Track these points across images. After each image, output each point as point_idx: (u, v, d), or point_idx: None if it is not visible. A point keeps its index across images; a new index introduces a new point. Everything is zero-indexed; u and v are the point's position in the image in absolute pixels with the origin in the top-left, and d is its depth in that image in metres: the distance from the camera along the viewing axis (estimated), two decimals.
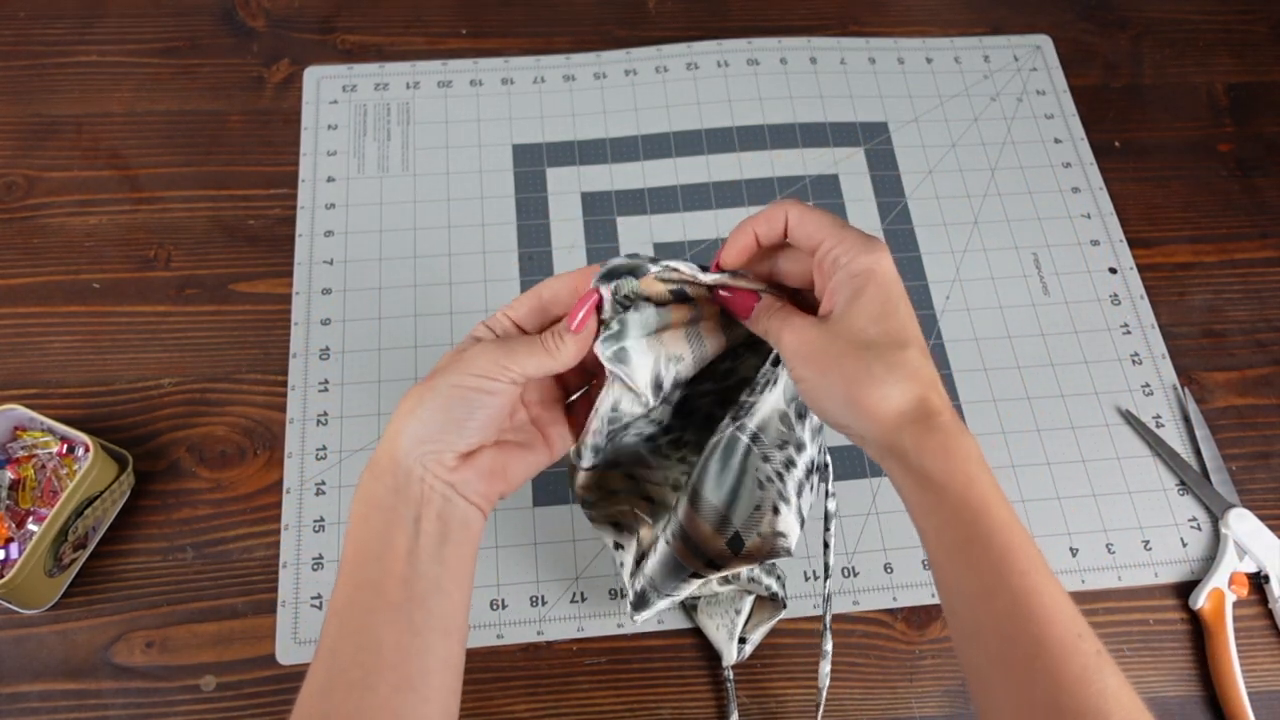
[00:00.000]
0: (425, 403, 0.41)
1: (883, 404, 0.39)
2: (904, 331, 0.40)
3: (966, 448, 0.38)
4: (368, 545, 0.40)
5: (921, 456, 0.38)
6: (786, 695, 0.59)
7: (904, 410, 0.39)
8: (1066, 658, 0.35)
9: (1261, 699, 0.60)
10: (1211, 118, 0.82)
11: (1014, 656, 0.36)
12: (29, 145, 0.74)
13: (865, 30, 0.84)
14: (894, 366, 0.39)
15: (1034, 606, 0.36)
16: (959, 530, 0.38)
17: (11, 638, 0.58)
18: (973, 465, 0.38)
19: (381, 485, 0.41)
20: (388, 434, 0.41)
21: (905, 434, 0.39)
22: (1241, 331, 0.73)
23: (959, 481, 0.38)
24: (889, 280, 0.40)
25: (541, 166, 0.76)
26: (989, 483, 0.38)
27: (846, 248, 0.41)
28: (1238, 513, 0.64)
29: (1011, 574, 0.37)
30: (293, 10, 0.82)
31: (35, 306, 0.68)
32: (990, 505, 0.38)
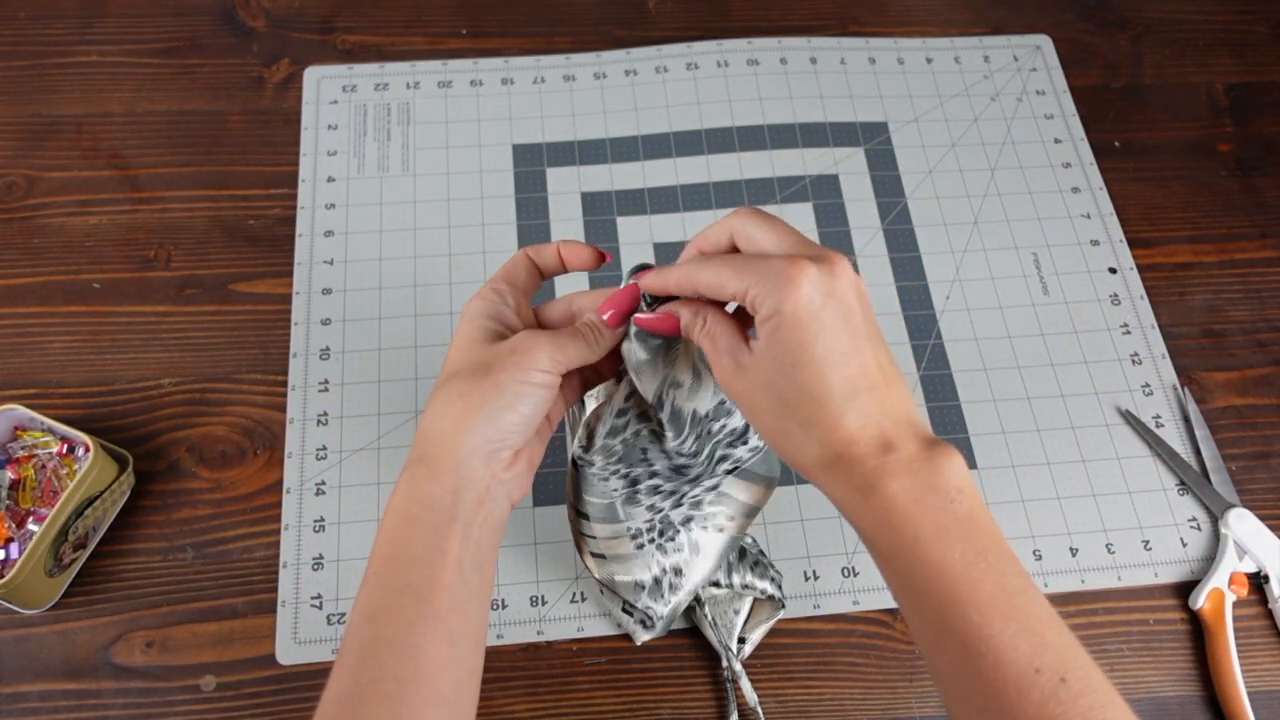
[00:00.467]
0: (490, 400, 0.39)
1: (804, 462, 0.38)
2: (817, 382, 0.37)
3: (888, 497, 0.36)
4: (413, 549, 0.38)
5: (848, 511, 0.38)
6: (787, 695, 0.59)
7: (824, 466, 0.37)
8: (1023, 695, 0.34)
9: (1261, 699, 0.60)
10: (1211, 118, 0.82)
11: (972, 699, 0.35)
12: (29, 145, 0.74)
13: (865, 30, 0.84)
14: (809, 426, 0.37)
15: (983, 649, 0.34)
16: (897, 578, 0.37)
17: (11, 638, 0.58)
18: (895, 515, 0.36)
19: (439, 487, 0.39)
20: (445, 431, 0.39)
21: (830, 489, 0.38)
22: (1241, 331, 0.73)
23: (883, 534, 0.36)
24: (799, 320, 0.37)
25: (541, 166, 0.76)
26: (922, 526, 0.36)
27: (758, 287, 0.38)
28: (1238, 513, 0.64)
29: (953, 618, 0.35)
30: (293, 10, 0.82)
31: (35, 306, 0.68)
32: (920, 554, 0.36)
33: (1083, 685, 0.34)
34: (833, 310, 0.37)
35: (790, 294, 0.37)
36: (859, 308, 0.38)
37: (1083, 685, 0.34)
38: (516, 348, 0.40)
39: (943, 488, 0.36)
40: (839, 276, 0.38)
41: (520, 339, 0.41)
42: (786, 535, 0.63)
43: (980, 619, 0.35)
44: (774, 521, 0.63)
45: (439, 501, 0.39)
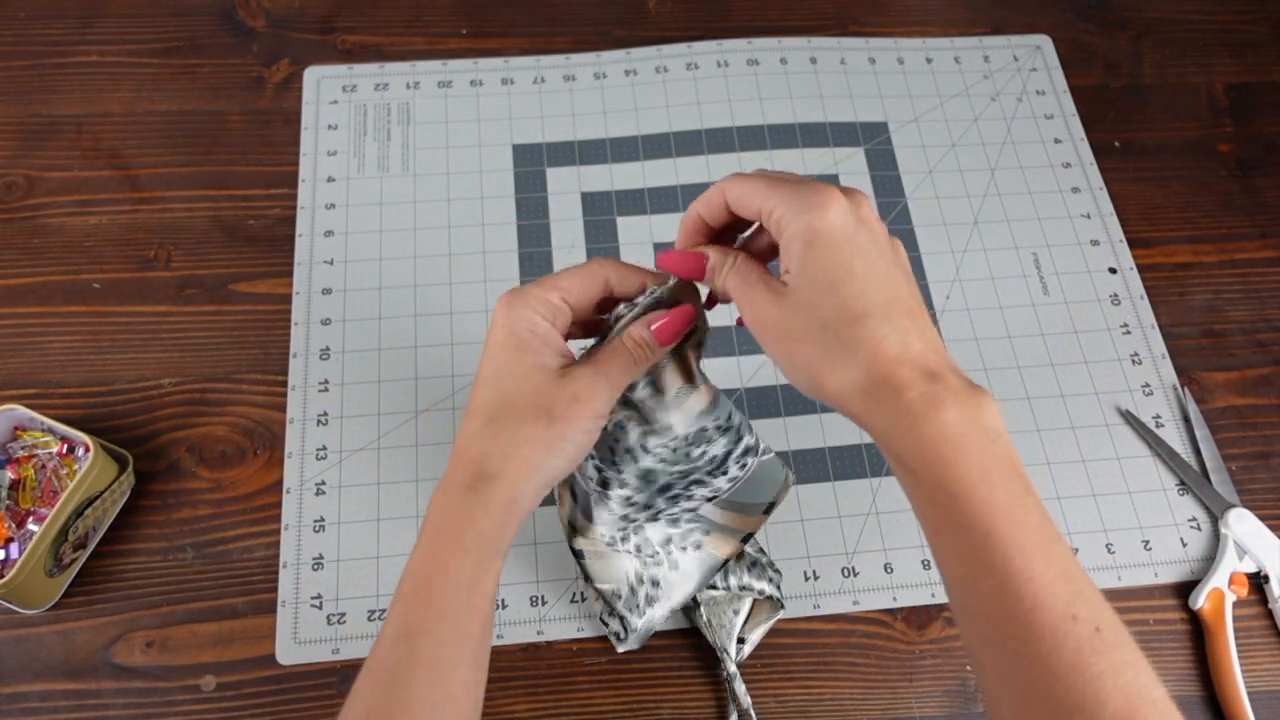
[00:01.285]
0: (555, 451, 0.39)
1: (846, 388, 0.36)
2: (860, 299, 0.36)
3: (939, 425, 0.35)
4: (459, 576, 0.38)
5: (891, 439, 0.36)
6: (787, 695, 0.59)
7: (867, 391, 0.36)
8: (1059, 642, 0.33)
9: (1261, 699, 0.60)
10: (1211, 118, 0.82)
11: (1005, 643, 0.34)
12: (29, 145, 0.74)
13: (865, 30, 0.84)
14: (851, 346, 0.36)
15: (1021, 592, 0.34)
16: (937, 513, 0.36)
17: (11, 638, 0.58)
18: (945, 446, 0.35)
19: (492, 522, 0.39)
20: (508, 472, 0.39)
21: (873, 416, 0.36)
22: (1241, 331, 0.73)
23: (930, 465, 0.35)
24: (835, 239, 0.36)
25: (541, 166, 0.76)
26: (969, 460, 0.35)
27: (786, 205, 0.37)
28: (1237, 513, 0.64)
29: (994, 557, 0.34)
30: (293, 10, 0.82)
31: (35, 306, 0.68)
32: (966, 488, 0.35)
33: (1116, 638, 0.34)
34: (865, 234, 0.37)
35: (823, 213, 0.36)
36: (885, 239, 0.38)
37: (1116, 638, 0.34)
38: (579, 395, 0.39)
39: (986, 426, 0.36)
40: (863, 206, 0.38)
41: (583, 384, 0.40)
42: (786, 535, 0.63)
43: (1022, 560, 0.34)
44: (774, 521, 0.63)
45: (489, 536, 0.39)
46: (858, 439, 0.66)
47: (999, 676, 0.35)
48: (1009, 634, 0.34)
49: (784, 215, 0.37)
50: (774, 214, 0.38)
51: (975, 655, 0.37)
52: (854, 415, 0.37)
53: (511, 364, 0.40)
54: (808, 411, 0.67)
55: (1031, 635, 0.33)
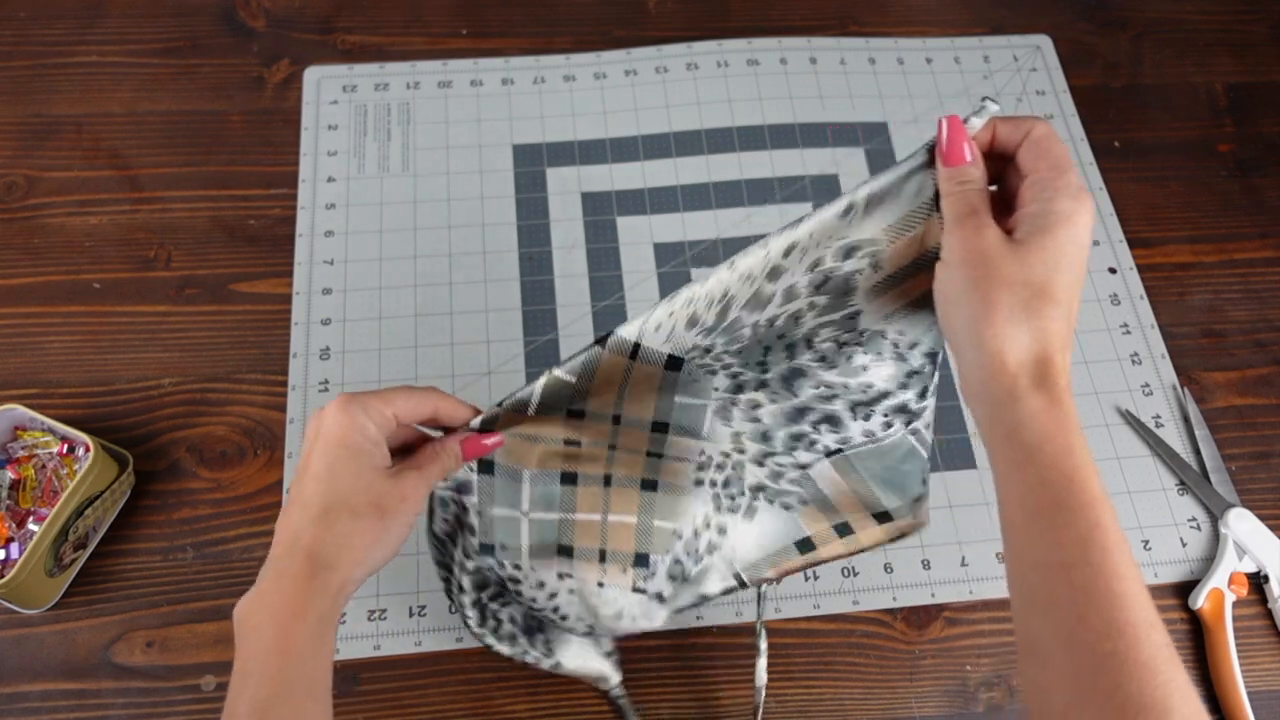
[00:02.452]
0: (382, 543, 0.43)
1: (1007, 345, 0.38)
2: (1064, 288, 0.38)
3: (1074, 417, 0.38)
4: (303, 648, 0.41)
5: (1026, 411, 0.38)
6: (787, 695, 0.59)
7: (1024, 360, 0.38)
8: (1137, 644, 0.34)
9: (1261, 699, 0.60)
10: (1211, 118, 0.82)
11: (1083, 635, 0.35)
12: (29, 145, 0.74)
13: (865, 30, 0.84)
14: (1034, 315, 0.38)
15: (1114, 587, 0.35)
16: (1046, 494, 0.37)
17: (11, 638, 0.58)
18: (1075, 435, 0.37)
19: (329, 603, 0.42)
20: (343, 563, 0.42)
21: (1018, 383, 0.38)
22: (1241, 331, 0.73)
23: (1058, 445, 0.37)
24: (1079, 235, 0.39)
25: (541, 166, 0.76)
26: (1088, 456, 0.37)
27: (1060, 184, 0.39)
28: (1237, 513, 0.64)
29: (1094, 549, 0.36)
30: (293, 10, 0.82)
31: (35, 306, 0.68)
32: (1086, 476, 0.37)
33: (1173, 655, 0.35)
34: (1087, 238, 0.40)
35: (1085, 209, 0.39)
36: None
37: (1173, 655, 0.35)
38: (406, 495, 0.44)
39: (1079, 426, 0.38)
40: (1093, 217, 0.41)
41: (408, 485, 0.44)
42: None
43: (1120, 558, 0.36)
44: None
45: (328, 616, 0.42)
46: None
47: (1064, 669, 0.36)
48: (1089, 626, 0.35)
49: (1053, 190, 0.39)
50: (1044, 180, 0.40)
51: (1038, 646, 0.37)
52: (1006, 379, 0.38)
53: (347, 463, 0.43)
54: None
55: (1113, 631, 0.35)
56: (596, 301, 0.70)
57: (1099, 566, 0.35)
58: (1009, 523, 0.39)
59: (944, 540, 0.63)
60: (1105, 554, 0.36)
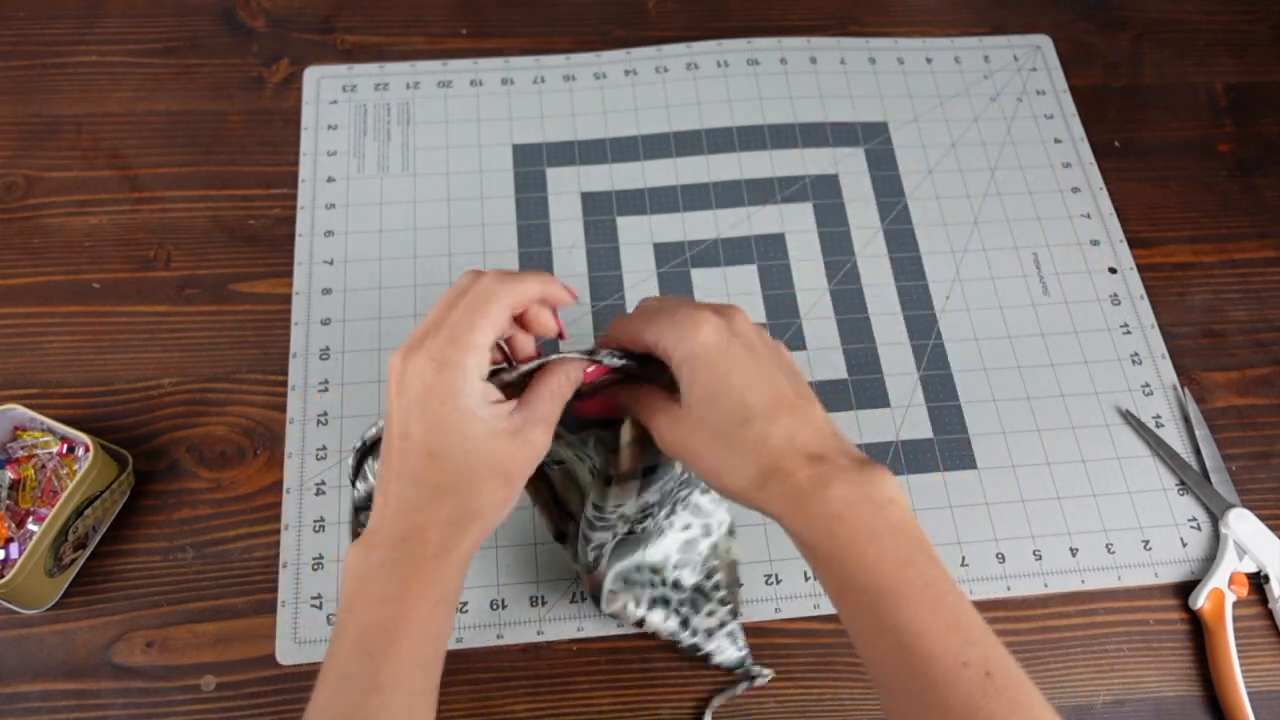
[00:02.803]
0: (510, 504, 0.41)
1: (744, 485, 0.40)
2: (741, 407, 0.40)
3: (824, 502, 0.38)
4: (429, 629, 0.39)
5: (787, 521, 0.40)
6: (787, 695, 0.59)
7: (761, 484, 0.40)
8: (951, 688, 0.36)
9: (1261, 699, 0.60)
10: (1211, 118, 0.82)
11: (905, 693, 0.37)
12: (29, 145, 0.74)
13: (865, 30, 0.84)
14: (740, 449, 0.40)
15: (913, 645, 0.37)
16: (834, 581, 0.39)
17: (11, 638, 0.58)
18: (833, 520, 0.38)
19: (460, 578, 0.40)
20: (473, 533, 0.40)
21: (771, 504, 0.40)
22: (1241, 331, 0.73)
23: (821, 537, 0.39)
24: (711, 357, 0.40)
25: (541, 166, 0.76)
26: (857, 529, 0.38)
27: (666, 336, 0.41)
28: (1238, 513, 0.64)
29: (886, 614, 0.37)
30: (293, 10, 0.82)
31: (35, 306, 0.68)
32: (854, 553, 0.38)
33: (1006, 680, 0.36)
34: (739, 346, 0.41)
35: (696, 335, 0.41)
36: (762, 345, 0.42)
37: (1006, 680, 0.36)
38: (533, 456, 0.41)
39: (875, 497, 0.39)
40: (736, 321, 0.42)
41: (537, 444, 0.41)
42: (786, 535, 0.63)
43: (913, 615, 0.37)
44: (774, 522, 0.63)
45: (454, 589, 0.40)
46: (857, 439, 0.66)
47: None
48: (906, 684, 0.37)
49: (667, 345, 0.41)
50: (659, 345, 0.42)
51: (886, 710, 0.39)
52: (757, 506, 0.41)
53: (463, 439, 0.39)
54: None
55: (926, 683, 0.36)
56: (596, 301, 0.70)
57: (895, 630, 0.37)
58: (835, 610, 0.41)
59: (944, 540, 0.63)
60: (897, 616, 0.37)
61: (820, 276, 0.72)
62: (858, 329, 0.70)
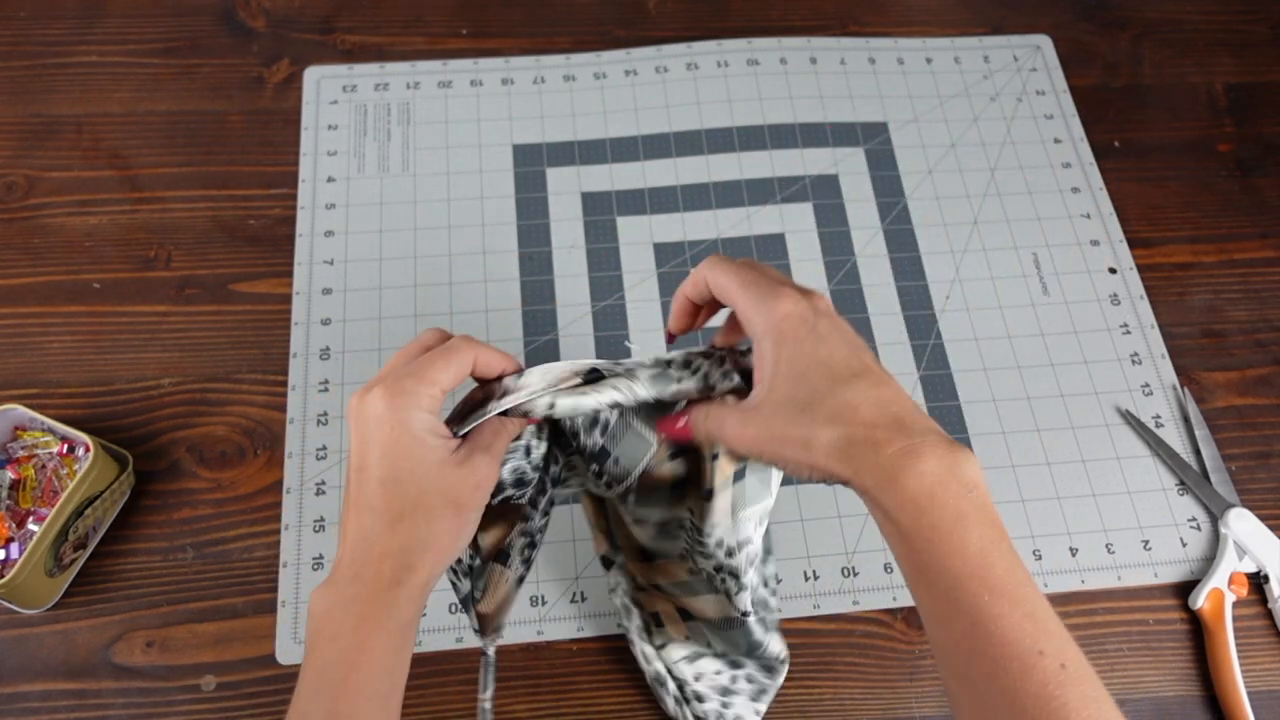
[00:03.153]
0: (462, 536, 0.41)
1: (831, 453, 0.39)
2: (829, 379, 0.40)
3: (917, 476, 0.38)
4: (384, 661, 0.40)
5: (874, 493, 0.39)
6: (787, 695, 0.59)
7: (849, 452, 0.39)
8: (1026, 675, 0.35)
9: (1261, 699, 0.60)
10: (1211, 118, 0.82)
11: (976, 678, 0.37)
12: (29, 145, 0.74)
13: (865, 30, 0.84)
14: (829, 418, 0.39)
15: (990, 629, 0.36)
16: (915, 558, 0.38)
17: (11, 638, 0.58)
18: (923, 496, 0.38)
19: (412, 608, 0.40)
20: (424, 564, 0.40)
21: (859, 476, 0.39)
22: (1241, 331, 0.73)
23: (907, 513, 0.38)
24: (797, 332, 0.40)
25: (541, 166, 0.76)
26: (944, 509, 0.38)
27: (752, 307, 0.41)
28: (1237, 513, 0.64)
29: (965, 597, 0.37)
30: (293, 10, 0.82)
31: (35, 306, 0.68)
32: (941, 534, 0.37)
33: (1081, 673, 0.36)
34: (825, 323, 0.41)
35: (780, 306, 0.41)
36: (846, 327, 0.42)
37: (1081, 673, 0.36)
38: (479, 484, 0.42)
39: (963, 477, 0.38)
40: (818, 303, 0.42)
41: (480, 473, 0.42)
42: (786, 535, 0.63)
43: (991, 599, 0.36)
44: (775, 522, 0.63)
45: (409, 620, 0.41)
46: None
47: (971, 710, 0.38)
48: (979, 669, 0.37)
49: (751, 316, 0.41)
50: (744, 314, 0.42)
51: (951, 692, 0.39)
52: (844, 479, 0.40)
53: (412, 463, 0.40)
54: None
55: (999, 670, 0.36)
56: (596, 301, 0.70)
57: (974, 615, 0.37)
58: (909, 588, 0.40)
59: None
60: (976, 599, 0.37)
61: (820, 276, 0.72)
62: (858, 329, 0.69)
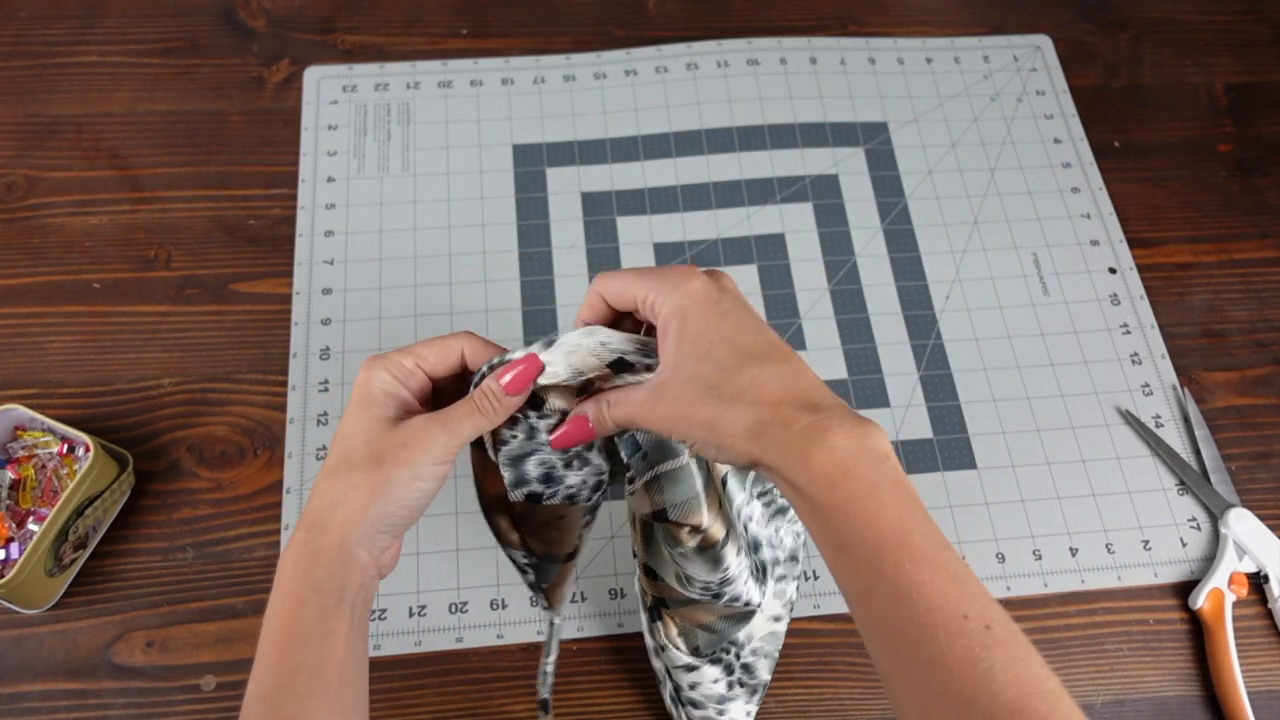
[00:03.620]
0: (382, 496, 0.40)
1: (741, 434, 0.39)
2: (735, 355, 0.39)
3: (828, 450, 0.37)
4: (306, 629, 0.39)
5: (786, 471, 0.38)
6: (787, 695, 0.59)
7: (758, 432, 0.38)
8: (951, 640, 0.35)
9: (1261, 699, 0.60)
10: (1211, 118, 0.82)
11: (904, 648, 0.36)
12: (29, 145, 0.74)
13: (865, 30, 0.84)
14: (736, 397, 0.39)
15: (914, 596, 0.36)
16: (831, 532, 0.38)
17: (11, 638, 0.58)
18: (834, 469, 0.37)
19: (326, 572, 0.40)
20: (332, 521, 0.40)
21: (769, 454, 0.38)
22: (1241, 331, 0.73)
23: (820, 487, 0.38)
24: (703, 309, 0.40)
25: (541, 166, 0.76)
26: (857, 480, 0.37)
27: (654, 290, 0.40)
28: (1237, 513, 0.64)
29: (886, 566, 0.36)
30: (293, 10, 0.82)
31: (35, 306, 0.68)
32: (856, 505, 0.37)
33: (1006, 634, 0.35)
34: (729, 301, 0.41)
35: (687, 288, 0.40)
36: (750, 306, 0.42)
37: (1006, 634, 0.35)
38: (408, 441, 0.40)
39: (873, 450, 0.38)
40: (723, 282, 0.42)
41: (412, 430, 0.41)
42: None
43: (913, 566, 0.36)
44: None
45: (326, 585, 0.40)
46: None
47: (903, 683, 0.37)
48: (906, 638, 0.36)
49: (655, 299, 0.41)
50: (647, 300, 0.41)
51: (881, 667, 0.38)
52: (753, 459, 0.39)
53: (356, 419, 0.41)
54: None
55: (926, 636, 0.35)
56: None
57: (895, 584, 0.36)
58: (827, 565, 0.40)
59: None
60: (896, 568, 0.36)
61: (820, 276, 0.72)
62: (858, 329, 0.70)
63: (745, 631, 0.55)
